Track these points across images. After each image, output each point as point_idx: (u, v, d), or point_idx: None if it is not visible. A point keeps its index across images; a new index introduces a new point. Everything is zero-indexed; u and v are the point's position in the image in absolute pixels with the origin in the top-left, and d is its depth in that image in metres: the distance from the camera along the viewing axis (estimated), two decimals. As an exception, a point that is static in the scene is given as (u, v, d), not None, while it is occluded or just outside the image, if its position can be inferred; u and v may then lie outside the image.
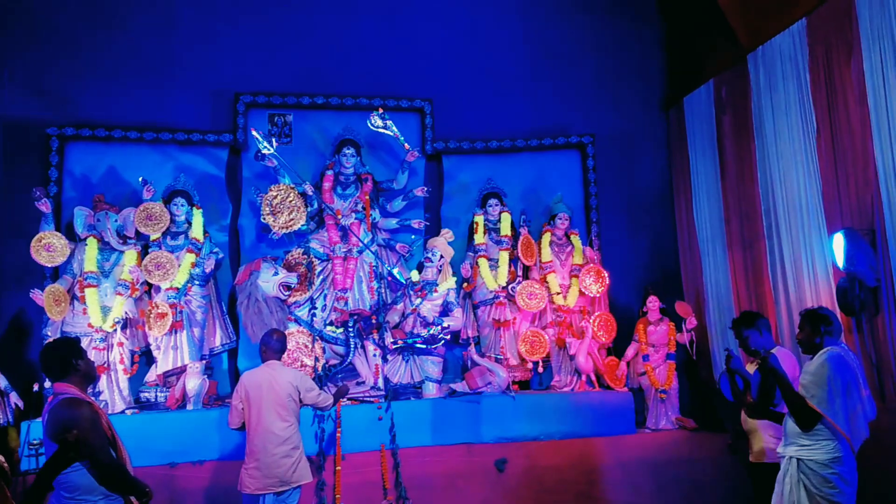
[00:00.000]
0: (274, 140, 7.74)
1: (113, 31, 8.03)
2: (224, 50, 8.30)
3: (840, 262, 6.03)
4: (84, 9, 8.01)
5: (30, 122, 7.69)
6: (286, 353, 6.21)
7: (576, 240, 8.27)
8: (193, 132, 7.95)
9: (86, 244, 7.14)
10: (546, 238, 8.20)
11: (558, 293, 7.99)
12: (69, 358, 3.83)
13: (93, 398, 3.91)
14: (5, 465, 4.85)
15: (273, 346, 5.58)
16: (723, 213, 8.05)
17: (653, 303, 7.82)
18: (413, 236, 8.24)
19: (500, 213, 8.27)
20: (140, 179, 7.41)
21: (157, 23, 8.17)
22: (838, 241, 6.06)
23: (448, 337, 7.43)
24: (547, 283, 8.03)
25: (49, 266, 7.11)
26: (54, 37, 7.92)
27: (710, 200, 8.28)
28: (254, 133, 7.58)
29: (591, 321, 7.72)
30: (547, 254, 8.12)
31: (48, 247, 6.99)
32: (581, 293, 7.98)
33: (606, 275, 8.00)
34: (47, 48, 7.88)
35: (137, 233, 7.37)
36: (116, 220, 7.25)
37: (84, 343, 6.45)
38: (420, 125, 8.63)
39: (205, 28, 8.28)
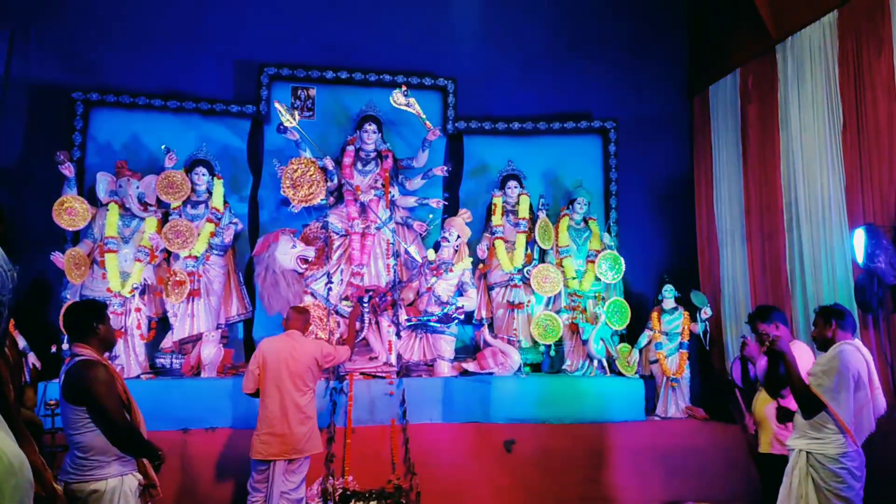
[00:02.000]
0: (296, 113, 7.76)
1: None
2: (250, 21, 8.31)
3: (860, 258, 5.99)
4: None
5: (55, 86, 7.76)
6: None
7: (594, 225, 8.24)
8: (217, 102, 8.00)
9: (107, 210, 7.22)
10: (564, 222, 8.18)
11: (574, 278, 7.99)
12: (91, 320, 3.88)
13: (109, 361, 3.97)
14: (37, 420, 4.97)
15: (297, 319, 5.67)
16: (743, 204, 7.98)
17: (668, 291, 7.80)
18: (431, 215, 8.22)
19: (518, 195, 8.26)
20: (163, 147, 7.48)
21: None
22: (859, 237, 6.01)
23: (462, 317, 7.46)
24: (563, 267, 8.03)
25: (70, 230, 7.22)
26: (82, 2, 7.96)
27: (731, 191, 8.22)
28: (277, 105, 7.60)
29: (605, 307, 7.72)
30: (564, 238, 8.11)
31: (70, 211, 7.08)
32: (596, 279, 7.98)
33: (623, 261, 7.98)
34: (75, 13, 7.94)
35: (158, 200, 7.45)
36: (138, 187, 7.32)
37: (103, 307, 6.54)
38: (442, 104, 8.62)
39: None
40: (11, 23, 7.68)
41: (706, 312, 7.57)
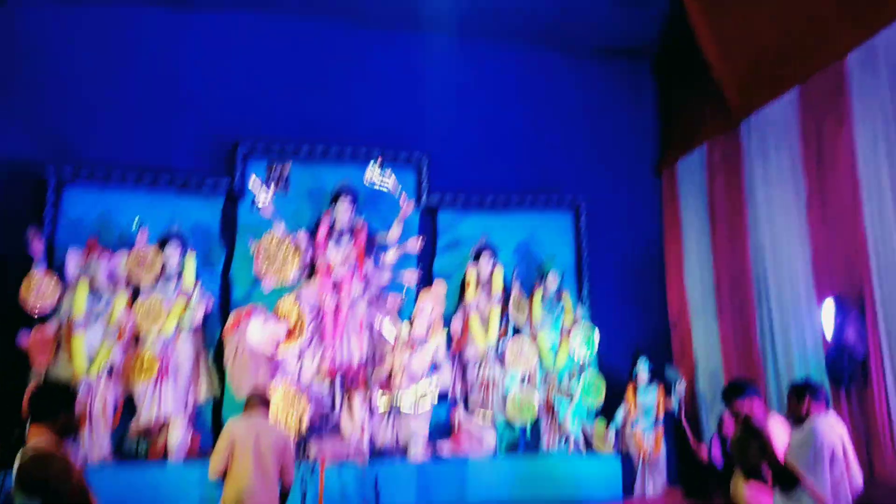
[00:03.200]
0: (271, 188, 7.76)
1: (117, 75, 8.15)
2: (226, 96, 8.39)
3: (828, 332, 6.02)
4: (89, 51, 8.13)
5: (28, 161, 7.71)
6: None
7: (567, 299, 8.25)
8: (191, 177, 7.99)
9: (76, 287, 7.10)
10: (537, 296, 8.18)
11: (549, 351, 7.95)
12: (55, 406, 3.76)
13: (66, 447, 3.82)
14: None
15: (259, 404, 5.54)
16: (713, 278, 8.07)
17: (643, 365, 7.76)
18: (405, 289, 8.20)
19: (492, 269, 8.27)
20: (135, 222, 7.42)
21: (161, 67, 8.29)
22: (828, 309, 6.06)
23: (436, 400, 7.34)
24: (536, 341, 7.99)
25: (39, 308, 7.03)
26: (58, 78, 8.02)
27: (700, 265, 8.31)
28: (252, 180, 7.62)
29: (580, 382, 7.66)
30: (538, 312, 8.10)
31: (39, 289, 6.95)
32: (570, 353, 7.94)
33: (596, 334, 7.96)
34: (50, 89, 7.98)
35: (129, 277, 7.34)
36: (108, 264, 7.23)
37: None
38: (416, 178, 8.68)
39: (208, 75, 8.40)
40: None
41: (681, 386, 7.54)
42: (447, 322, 8.02)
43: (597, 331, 7.98)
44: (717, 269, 8.04)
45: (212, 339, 7.74)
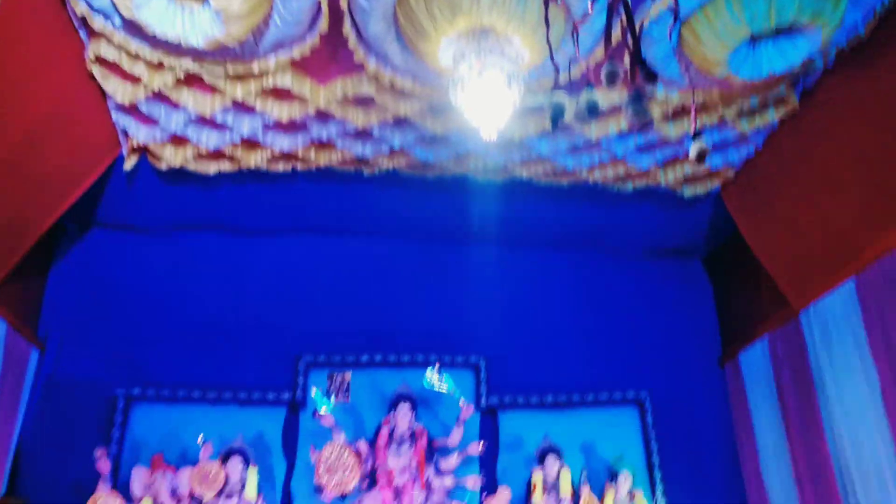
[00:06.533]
0: (332, 398, 7.87)
1: (183, 298, 8.54)
2: (287, 314, 8.67)
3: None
4: (157, 275, 8.60)
5: (97, 381, 7.98)
6: None
7: (640, 499, 7.89)
8: (254, 391, 8.15)
9: (140, 505, 7.13)
10: (609, 497, 7.83)
11: (625, 559, 7.53)
12: None
13: None
14: None
15: None
16: (793, 473, 7.66)
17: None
18: (468, 494, 7.97)
19: (558, 470, 8.02)
20: (199, 439, 7.52)
21: (225, 289, 8.69)
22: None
23: None
24: (611, 547, 7.59)
25: (103, 529, 7.05)
26: (127, 301, 8.44)
27: (778, 460, 7.93)
28: (313, 392, 7.74)
29: None
30: (610, 515, 7.76)
31: (104, 509, 6.99)
32: (648, 560, 7.51)
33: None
34: (120, 312, 8.37)
35: (192, 493, 7.35)
36: (172, 481, 7.28)
37: None
38: (475, 380, 8.68)
39: (269, 294, 8.73)
40: (60, 329, 8.12)
41: None
42: (514, 530, 7.70)
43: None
44: (795, 464, 7.64)
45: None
